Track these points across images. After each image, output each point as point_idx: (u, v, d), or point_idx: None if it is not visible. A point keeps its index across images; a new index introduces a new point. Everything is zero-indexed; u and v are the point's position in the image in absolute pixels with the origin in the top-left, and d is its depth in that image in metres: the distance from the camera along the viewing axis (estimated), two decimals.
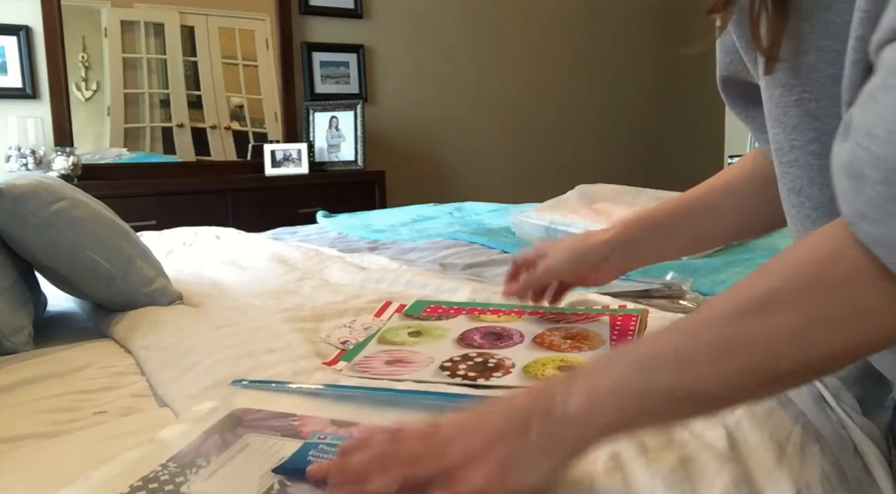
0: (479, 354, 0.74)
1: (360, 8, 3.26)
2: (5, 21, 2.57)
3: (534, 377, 0.68)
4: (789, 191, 0.53)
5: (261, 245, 1.59)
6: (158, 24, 2.91)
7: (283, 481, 0.48)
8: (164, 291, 1.06)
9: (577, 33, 3.94)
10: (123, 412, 0.69)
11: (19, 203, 0.93)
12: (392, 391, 0.66)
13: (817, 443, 0.57)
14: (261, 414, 0.59)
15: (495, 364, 0.71)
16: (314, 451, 0.52)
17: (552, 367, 0.70)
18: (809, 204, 0.51)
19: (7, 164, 2.47)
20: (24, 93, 2.59)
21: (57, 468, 0.55)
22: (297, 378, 0.70)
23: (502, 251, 1.46)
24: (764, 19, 0.48)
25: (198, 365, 0.75)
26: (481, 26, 3.63)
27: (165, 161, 2.90)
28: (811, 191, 0.51)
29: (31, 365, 0.82)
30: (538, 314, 0.88)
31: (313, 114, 3.10)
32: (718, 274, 1.19)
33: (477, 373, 0.69)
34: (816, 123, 0.48)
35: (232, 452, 0.52)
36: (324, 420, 0.58)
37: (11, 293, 0.93)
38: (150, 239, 1.62)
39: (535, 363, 0.71)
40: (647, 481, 0.50)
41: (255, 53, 3.12)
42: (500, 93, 3.71)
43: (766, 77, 0.51)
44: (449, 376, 0.69)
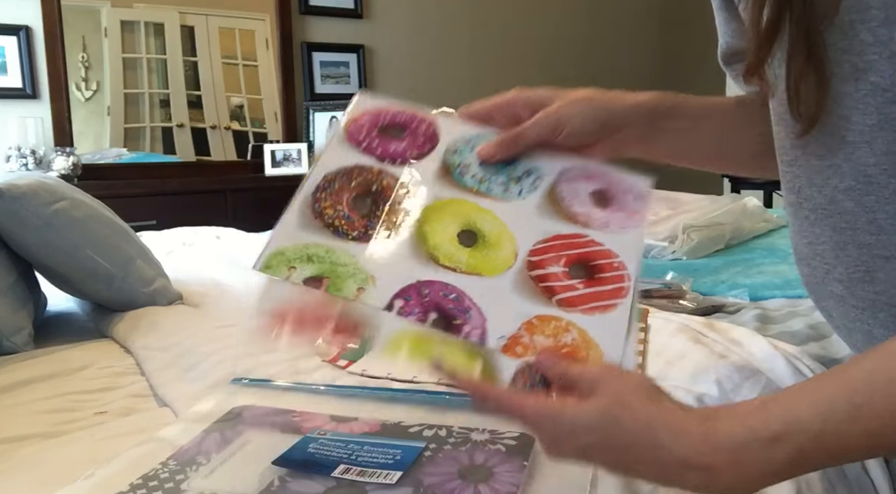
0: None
1: (360, 8, 3.26)
2: (5, 21, 2.57)
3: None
4: (788, 190, 0.53)
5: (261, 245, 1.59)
6: (158, 24, 2.91)
7: (284, 477, 0.48)
8: (164, 291, 1.06)
9: (577, 33, 3.94)
10: (123, 412, 0.69)
11: (19, 203, 0.93)
12: (390, 390, 0.66)
13: None
14: (261, 411, 0.59)
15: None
16: (314, 444, 0.52)
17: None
18: (808, 205, 0.51)
19: (7, 164, 2.47)
20: (24, 93, 2.58)
21: (57, 468, 0.55)
22: (298, 377, 0.70)
23: None
24: (804, 92, 0.46)
25: (198, 365, 0.75)
26: (481, 26, 3.63)
27: (165, 161, 2.90)
28: (810, 192, 0.50)
29: (31, 365, 0.82)
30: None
31: (313, 114, 3.10)
32: (718, 274, 1.19)
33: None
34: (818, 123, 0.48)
35: (232, 449, 0.52)
36: (323, 416, 0.58)
37: (11, 293, 0.93)
38: (150, 239, 1.62)
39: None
40: None
41: (255, 53, 3.12)
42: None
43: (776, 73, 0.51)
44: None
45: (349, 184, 0.58)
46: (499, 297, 0.52)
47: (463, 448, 0.51)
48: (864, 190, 0.46)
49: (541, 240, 0.57)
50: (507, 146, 0.60)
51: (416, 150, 0.62)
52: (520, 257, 0.55)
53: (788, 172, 0.52)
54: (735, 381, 0.64)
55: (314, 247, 0.54)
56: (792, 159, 0.51)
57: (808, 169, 0.50)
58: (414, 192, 0.58)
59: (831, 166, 0.48)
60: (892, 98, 0.43)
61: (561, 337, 0.51)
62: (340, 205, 0.56)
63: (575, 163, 0.62)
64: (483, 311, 0.52)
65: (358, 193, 0.57)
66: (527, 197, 0.60)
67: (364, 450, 0.51)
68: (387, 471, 0.48)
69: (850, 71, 0.45)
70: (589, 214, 0.59)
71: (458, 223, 0.57)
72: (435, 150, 0.62)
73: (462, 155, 0.62)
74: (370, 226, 0.55)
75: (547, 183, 0.60)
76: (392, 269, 0.53)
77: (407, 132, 0.63)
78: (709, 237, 1.42)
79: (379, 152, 0.61)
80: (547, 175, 0.61)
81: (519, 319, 0.51)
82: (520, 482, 0.48)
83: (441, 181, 0.59)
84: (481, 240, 0.56)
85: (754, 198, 1.65)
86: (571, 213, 0.59)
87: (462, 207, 0.58)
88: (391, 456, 0.50)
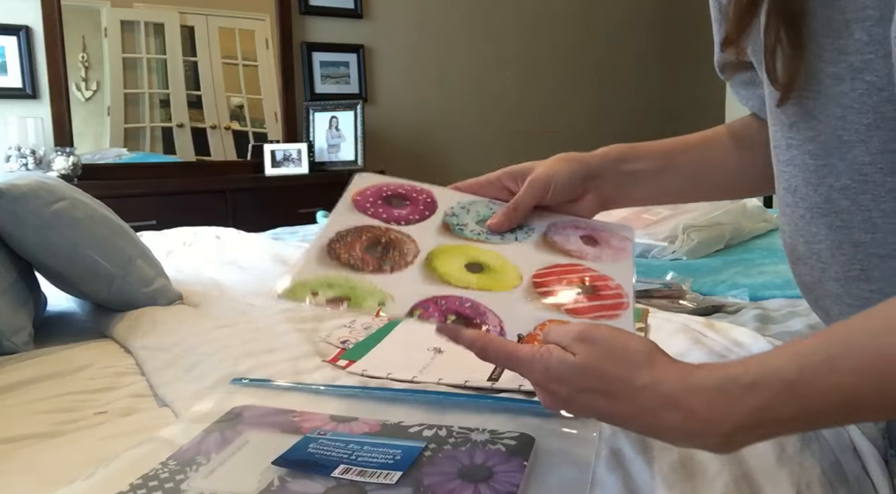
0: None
1: (360, 8, 3.26)
2: (5, 21, 2.57)
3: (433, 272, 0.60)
4: (784, 189, 0.53)
5: (261, 245, 1.59)
6: (158, 24, 2.91)
7: (284, 477, 0.48)
8: (164, 291, 1.06)
9: (576, 33, 3.94)
10: (123, 412, 0.69)
11: (19, 203, 0.93)
12: (390, 390, 0.66)
13: (817, 443, 0.57)
14: (261, 411, 0.59)
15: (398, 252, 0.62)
16: (314, 444, 0.52)
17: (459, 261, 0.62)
18: (803, 204, 0.51)
19: (7, 164, 2.47)
20: (24, 93, 2.59)
21: (57, 468, 0.55)
22: (298, 377, 0.70)
23: None
24: (780, 55, 0.47)
25: (198, 365, 0.75)
26: (481, 26, 3.63)
27: (165, 161, 2.90)
28: (806, 192, 0.50)
29: (31, 365, 0.82)
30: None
31: (313, 114, 3.10)
32: (718, 274, 1.19)
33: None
34: (814, 122, 0.48)
35: (232, 449, 0.52)
36: (323, 416, 0.58)
37: (11, 293, 0.93)
38: (150, 239, 1.62)
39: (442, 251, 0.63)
40: (647, 480, 0.50)
41: (255, 53, 3.12)
42: (500, 93, 3.71)
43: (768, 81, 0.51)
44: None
45: (360, 238, 0.64)
46: (511, 306, 0.57)
47: (463, 448, 0.52)
48: (860, 188, 0.46)
49: (542, 267, 0.63)
50: (511, 213, 0.68)
51: (418, 215, 0.69)
52: (525, 279, 0.61)
53: (785, 172, 0.52)
54: None
55: (334, 277, 0.58)
56: (788, 159, 0.52)
57: (804, 168, 0.50)
58: (420, 242, 0.64)
59: (827, 165, 0.48)
60: (888, 97, 0.43)
61: None
62: (354, 251, 0.61)
63: (563, 218, 0.70)
64: (499, 315, 0.56)
65: (369, 244, 0.63)
66: (523, 240, 0.67)
67: (364, 450, 0.51)
68: (387, 471, 0.48)
69: (845, 70, 0.45)
70: (581, 250, 0.66)
71: (463, 258, 0.63)
72: (435, 214, 0.69)
73: (460, 217, 0.69)
74: (384, 264, 0.61)
75: (539, 232, 0.68)
76: (408, 289, 0.58)
77: (408, 202, 0.70)
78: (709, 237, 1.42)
79: (384, 216, 0.67)
80: (538, 227, 0.69)
81: (533, 322, 0.56)
82: (520, 482, 0.48)
83: (444, 235, 0.66)
84: (487, 268, 0.62)
85: (754, 198, 1.65)
86: (566, 250, 0.66)
87: (466, 249, 0.65)
88: (391, 456, 0.50)
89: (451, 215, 0.69)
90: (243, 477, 0.48)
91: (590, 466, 0.51)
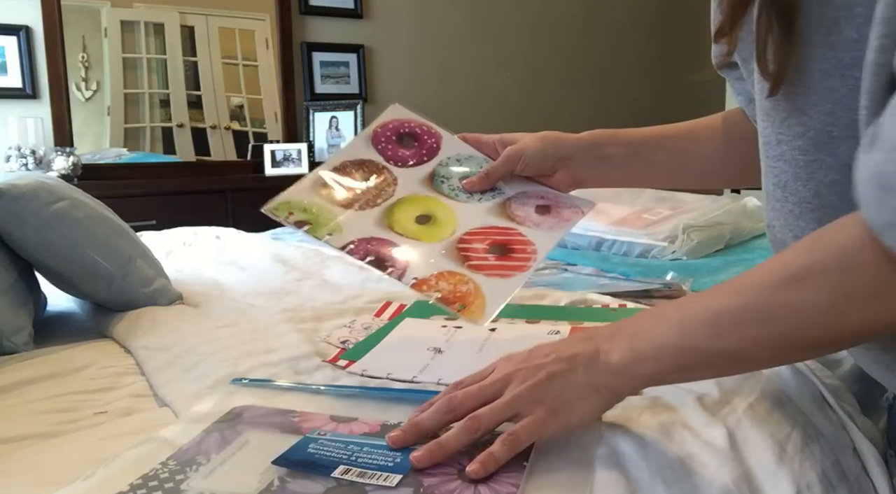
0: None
1: (360, 8, 3.26)
2: (5, 21, 2.57)
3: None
4: (774, 185, 0.53)
5: (261, 245, 1.59)
6: (158, 24, 2.91)
7: (284, 477, 0.48)
8: (164, 291, 1.06)
9: (576, 33, 3.94)
10: (123, 412, 0.69)
11: (19, 203, 0.93)
12: (390, 390, 0.66)
13: (817, 443, 0.57)
14: (260, 411, 0.59)
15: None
16: (314, 445, 0.52)
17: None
18: (793, 199, 0.51)
19: (7, 164, 2.47)
20: (24, 93, 2.59)
21: (57, 468, 0.55)
22: (298, 377, 0.70)
23: None
24: (770, 45, 0.48)
25: (198, 365, 0.75)
26: (481, 26, 3.63)
27: (165, 161, 2.90)
28: (796, 187, 0.51)
29: (31, 365, 0.82)
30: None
31: (313, 114, 3.10)
32: (718, 275, 1.19)
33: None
34: (804, 118, 0.48)
35: (232, 449, 0.52)
36: (323, 416, 0.58)
37: (11, 293, 0.93)
38: (150, 239, 1.62)
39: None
40: (647, 479, 0.50)
41: (255, 53, 3.12)
42: (500, 93, 3.71)
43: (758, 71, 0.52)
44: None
45: (355, 171, 0.77)
46: (424, 255, 0.69)
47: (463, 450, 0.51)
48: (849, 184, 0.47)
49: (478, 226, 0.73)
50: (484, 178, 0.78)
51: (416, 159, 0.80)
52: (455, 235, 0.72)
53: (774, 168, 0.53)
54: (735, 381, 0.64)
55: (311, 204, 0.73)
56: (777, 154, 0.52)
57: (794, 164, 0.50)
58: (400, 186, 0.76)
59: (816, 161, 0.48)
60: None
61: (459, 286, 0.67)
62: (344, 181, 0.75)
63: (535, 188, 0.78)
64: (407, 260, 0.68)
65: (361, 177, 0.76)
66: (483, 202, 0.77)
67: (364, 452, 0.51)
68: (386, 474, 0.48)
69: (835, 66, 0.45)
70: (526, 217, 0.75)
71: (420, 209, 0.75)
72: (432, 161, 0.80)
73: (449, 167, 0.80)
74: (357, 201, 0.74)
75: (503, 197, 0.78)
76: (358, 227, 0.71)
77: (416, 143, 0.81)
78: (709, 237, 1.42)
79: (389, 154, 0.79)
80: (506, 192, 0.78)
81: (433, 270, 0.67)
82: (520, 482, 0.48)
83: (423, 184, 0.78)
84: (432, 220, 0.73)
85: (754, 198, 1.65)
86: (512, 215, 0.75)
87: (429, 201, 0.76)
88: (391, 459, 0.50)
89: (444, 165, 0.80)
90: (243, 477, 0.48)
91: (590, 466, 0.51)
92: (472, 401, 0.53)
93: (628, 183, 0.86)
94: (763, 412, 0.59)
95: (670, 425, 0.57)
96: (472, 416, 0.51)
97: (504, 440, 0.49)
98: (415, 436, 0.52)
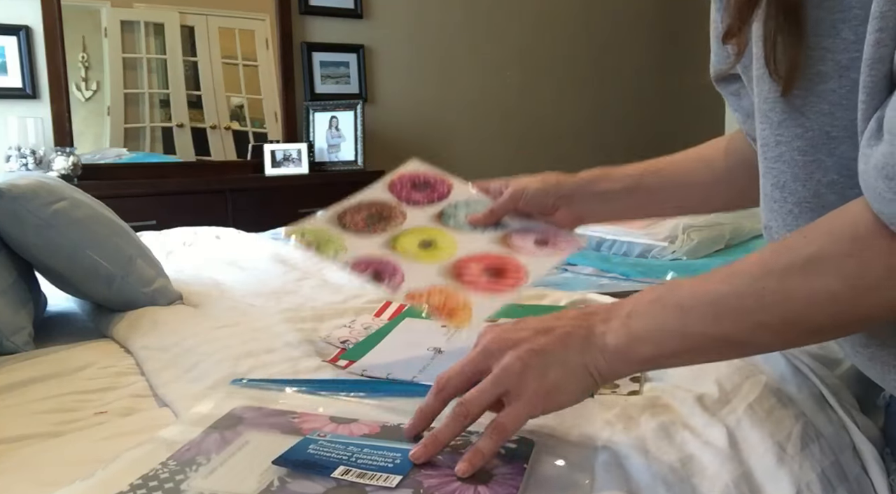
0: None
1: (360, 8, 3.26)
2: (5, 21, 2.57)
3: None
4: (773, 186, 0.54)
5: (261, 245, 1.59)
6: (158, 24, 2.91)
7: (284, 478, 0.48)
8: (164, 291, 1.06)
9: (577, 33, 3.94)
10: (123, 412, 0.69)
11: (19, 203, 0.93)
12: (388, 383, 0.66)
13: (817, 443, 0.57)
14: (261, 412, 0.59)
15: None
16: (314, 446, 0.52)
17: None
18: (792, 199, 0.52)
19: (7, 164, 2.47)
20: (24, 93, 2.59)
21: (57, 468, 0.55)
22: (298, 377, 0.70)
23: None
24: (780, 44, 0.48)
25: (198, 365, 0.75)
26: (481, 26, 3.63)
27: (165, 161, 2.90)
28: (794, 187, 0.51)
29: (31, 365, 0.82)
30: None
31: (313, 114, 3.10)
32: None
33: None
34: (802, 119, 0.49)
35: (232, 449, 0.52)
36: (323, 417, 0.58)
37: (11, 293, 0.93)
38: (150, 239, 1.62)
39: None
40: (647, 480, 0.50)
41: (255, 53, 3.12)
42: (500, 92, 3.71)
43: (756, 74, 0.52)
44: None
45: (370, 208, 0.82)
46: (421, 272, 0.72)
47: (462, 450, 0.51)
48: (848, 183, 0.47)
49: (477, 253, 0.75)
50: (489, 216, 0.81)
51: (427, 200, 0.84)
52: (454, 258, 0.74)
53: (773, 169, 0.53)
54: (735, 381, 0.64)
55: (322, 230, 0.78)
56: (776, 155, 0.52)
57: (793, 164, 0.51)
58: (410, 220, 0.81)
59: (815, 161, 0.49)
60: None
61: (449, 299, 0.69)
62: (357, 216, 0.81)
63: (537, 225, 0.81)
64: (405, 276, 0.71)
65: (371, 214, 0.81)
66: (486, 234, 0.80)
67: (364, 453, 0.51)
68: (386, 475, 0.48)
69: (833, 68, 0.46)
70: (524, 246, 0.77)
71: (424, 237, 0.78)
72: (441, 203, 0.84)
73: (457, 209, 0.83)
74: (368, 229, 0.79)
75: (505, 230, 0.80)
76: (364, 247, 0.75)
77: (429, 188, 0.86)
78: (709, 237, 1.42)
79: (402, 196, 0.85)
80: (509, 227, 0.81)
81: (427, 283, 0.70)
82: (520, 484, 0.48)
83: (432, 220, 0.82)
84: (434, 246, 0.77)
85: None
86: (511, 244, 0.77)
87: (434, 231, 0.79)
88: (391, 460, 0.50)
89: (453, 206, 0.83)
90: (243, 478, 0.48)
91: (590, 467, 0.51)
92: (458, 378, 0.52)
93: (628, 215, 0.88)
94: (763, 412, 0.59)
95: (670, 425, 0.57)
96: (459, 402, 0.51)
97: (490, 433, 0.49)
98: (422, 421, 0.53)
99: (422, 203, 0.84)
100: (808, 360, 0.69)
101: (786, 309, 0.45)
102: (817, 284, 0.44)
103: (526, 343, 0.51)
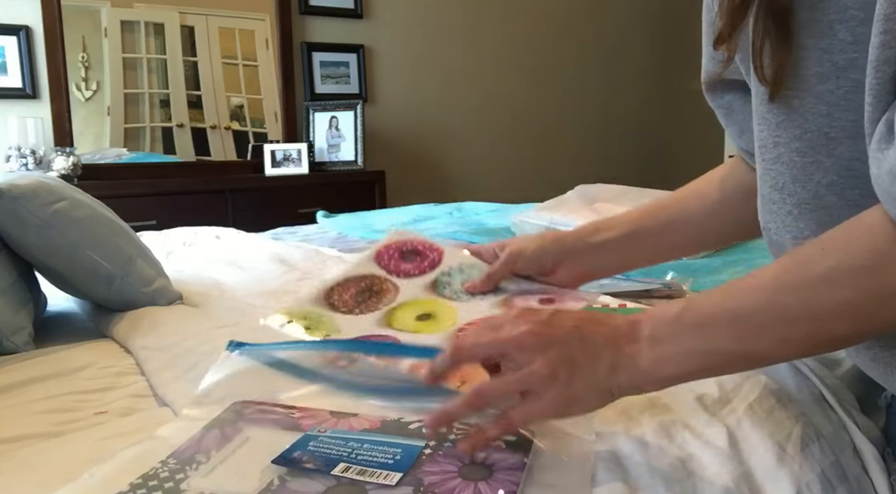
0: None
1: (360, 8, 3.26)
2: (5, 21, 2.57)
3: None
4: (771, 188, 0.54)
5: (261, 245, 1.59)
6: (158, 24, 2.91)
7: (284, 476, 0.48)
8: (164, 291, 1.06)
9: (577, 33, 3.94)
10: (123, 412, 0.69)
11: (19, 203, 0.93)
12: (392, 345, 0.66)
13: (817, 443, 0.57)
14: (261, 408, 0.59)
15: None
16: (314, 442, 0.52)
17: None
18: (791, 200, 0.52)
19: (7, 164, 2.47)
20: (24, 93, 2.59)
21: (57, 468, 0.55)
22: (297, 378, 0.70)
23: None
24: (767, 49, 0.48)
25: (198, 365, 0.75)
26: (481, 26, 3.63)
27: (165, 161, 2.90)
28: (793, 188, 0.51)
29: (31, 365, 0.82)
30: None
31: (313, 114, 3.10)
32: (718, 274, 1.19)
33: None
34: (800, 120, 0.49)
35: (232, 447, 0.52)
36: (323, 413, 0.58)
37: (11, 293, 0.93)
38: (150, 239, 1.62)
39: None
40: (647, 480, 0.50)
41: (255, 53, 3.12)
42: (501, 92, 3.71)
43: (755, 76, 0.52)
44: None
45: (358, 284, 0.78)
46: (422, 342, 0.66)
47: None
48: (847, 184, 0.47)
49: (478, 319, 0.71)
50: (485, 281, 0.79)
51: (419, 271, 0.81)
52: (454, 327, 0.71)
53: (772, 170, 0.53)
54: (735, 381, 0.64)
55: (310, 312, 0.74)
56: (775, 157, 0.52)
57: (791, 165, 0.51)
58: (403, 293, 0.77)
59: (814, 162, 0.49)
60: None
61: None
62: (345, 295, 0.77)
63: (538, 286, 0.79)
64: (401, 342, 0.67)
65: (360, 290, 0.77)
66: (486, 300, 0.77)
67: (364, 449, 0.51)
68: (386, 472, 0.48)
69: (830, 69, 0.46)
70: (527, 306, 0.74)
71: (420, 310, 0.74)
72: (433, 271, 0.81)
73: (452, 276, 0.80)
74: (358, 307, 0.75)
75: (505, 295, 0.78)
76: (357, 328, 0.71)
77: (419, 258, 0.83)
78: None
79: (391, 268, 0.81)
80: (509, 291, 0.78)
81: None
82: (520, 480, 0.48)
83: (426, 290, 0.78)
84: (433, 318, 0.73)
85: None
86: (513, 307, 0.74)
87: (430, 303, 0.76)
88: (391, 456, 0.50)
89: (447, 274, 0.81)
90: (243, 476, 0.48)
91: (590, 465, 0.51)
92: (481, 350, 0.52)
93: (629, 265, 0.86)
94: (763, 412, 0.59)
95: (670, 425, 0.57)
96: (478, 392, 0.51)
97: (498, 421, 0.50)
98: (436, 381, 0.54)
99: (413, 273, 0.81)
100: (809, 360, 0.69)
101: (808, 324, 0.45)
102: (838, 297, 0.44)
103: (559, 346, 0.50)
